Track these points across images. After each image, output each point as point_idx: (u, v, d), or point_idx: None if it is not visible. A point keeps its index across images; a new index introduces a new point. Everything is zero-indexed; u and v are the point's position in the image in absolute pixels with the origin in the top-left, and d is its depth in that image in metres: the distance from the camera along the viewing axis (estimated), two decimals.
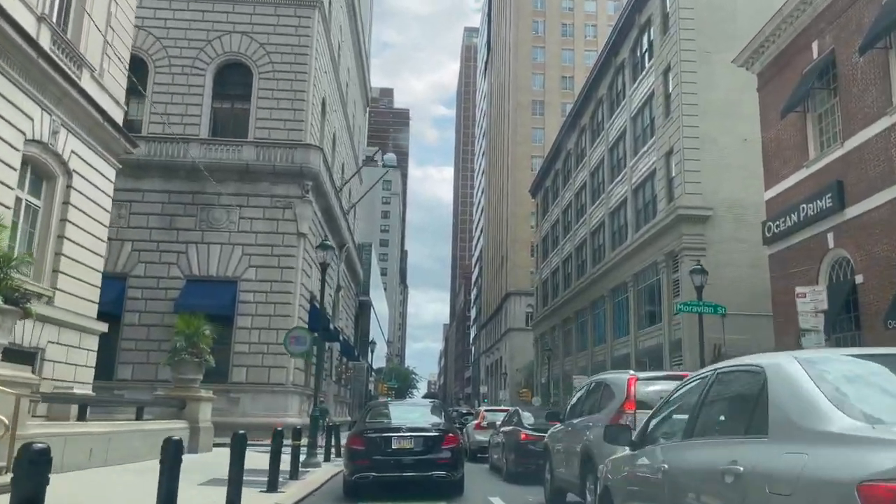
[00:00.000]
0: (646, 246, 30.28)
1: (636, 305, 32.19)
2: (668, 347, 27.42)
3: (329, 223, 37.55)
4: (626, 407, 7.03)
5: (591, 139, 42.28)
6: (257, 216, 30.76)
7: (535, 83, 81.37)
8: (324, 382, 40.67)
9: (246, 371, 29.31)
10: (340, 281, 44.05)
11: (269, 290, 30.13)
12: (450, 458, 10.98)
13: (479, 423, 21.36)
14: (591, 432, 7.72)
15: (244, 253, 30.21)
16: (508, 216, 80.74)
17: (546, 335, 53.95)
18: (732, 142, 26.96)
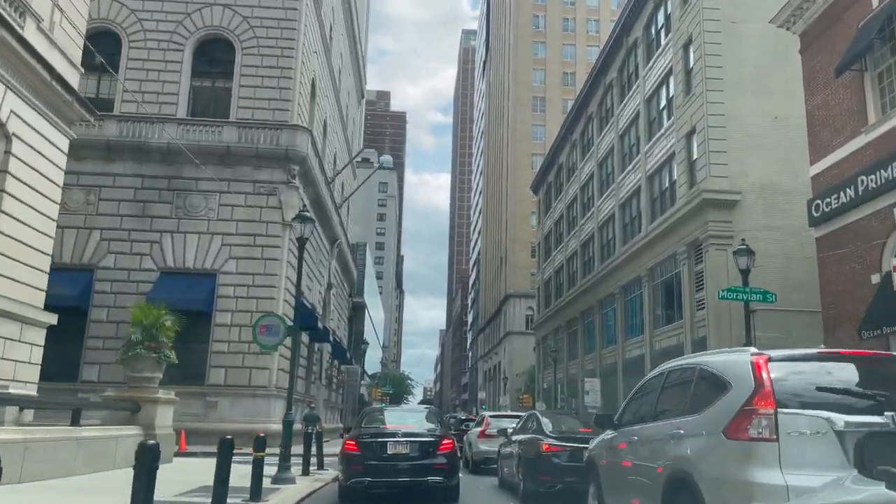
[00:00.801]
0: (664, 237, 27.71)
1: (651, 302, 29.60)
2: (691, 347, 24.80)
3: (319, 214, 34.92)
4: (758, 404, 4.38)
5: (598, 127, 39.77)
6: (239, 203, 28.21)
7: (535, 79, 78.94)
8: (313, 386, 38.03)
9: (225, 372, 26.77)
10: (332, 279, 41.41)
11: (251, 283, 27.59)
12: (446, 464, 11.00)
13: (484, 430, 19.08)
14: (684, 445, 5.10)
15: (224, 243, 27.71)
16: (508, 216, 78.21)
17: (548, 338, 51.32)
18: (761, 120, 24.48)
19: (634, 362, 31.56)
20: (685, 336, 25.41)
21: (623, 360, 33.04)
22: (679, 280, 26.53)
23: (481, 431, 19.08)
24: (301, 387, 32.50)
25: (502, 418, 20.27)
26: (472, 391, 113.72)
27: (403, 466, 10.82)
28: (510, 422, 18.82)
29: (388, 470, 10.79)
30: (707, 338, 23.45)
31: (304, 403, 32.53)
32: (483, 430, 19.02)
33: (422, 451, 10.98)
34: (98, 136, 27.97)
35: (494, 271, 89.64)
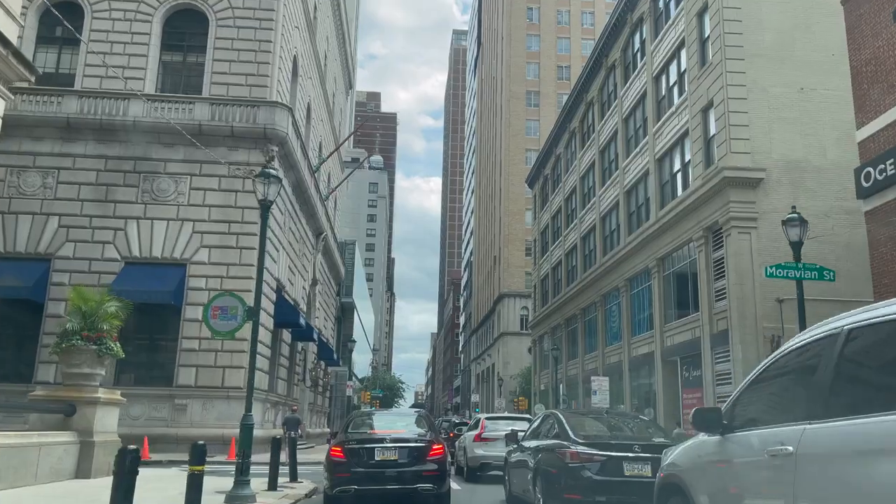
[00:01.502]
0: (676, 222, 25.43)
1: (662, 295, 27.29)
2: (709, 342, 22.51)
3: (302, 203, 32.52)
4: None
5: (599, 113, 37.50)
6: (212, 187, 25.78)
7: (529, 72, 76.71)
8: (296, 388, 35.56)
9: (195, 372, 24.40)
10: (317, 274, 38.93)
11: (225, 274, 25.18)
12: (436, 470, 10.65)
13: (480, 433, 17.42)
14: None
15: (195, 231, 25.34)
16: (501, 213, 75.90)
17: (546, 336, 48.96)
18: (786, 92, 22.26)
19: (642, 361, 29.24)
20: (702, 330, 23.11)
21: (629, 359, 30.71)
22: (694, 269, 24.25)
23: (477, 435, 17.35)
24: (282, 388, 30.02)
25: (499, 420, 18.72)
26: (464, 394, 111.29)
27: (392, 473, 10.43)
28: (507, 424, 17.48)
29: (375, 477, 10.37)
30: (729, 331, 21.15)
31: (287, 407, 30.11)
32: (479, 433, 17.34)
33: (411, 457, 10.56)
34: (56, 113, 25.54)
35: (487, 271, 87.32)
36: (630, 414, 15.28)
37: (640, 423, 11.40)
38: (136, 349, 25.74)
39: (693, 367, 23.97)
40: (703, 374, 22.74)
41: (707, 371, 22.52)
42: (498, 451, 16.03)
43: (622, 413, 13.49)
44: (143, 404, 23.94)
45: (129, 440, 21.46)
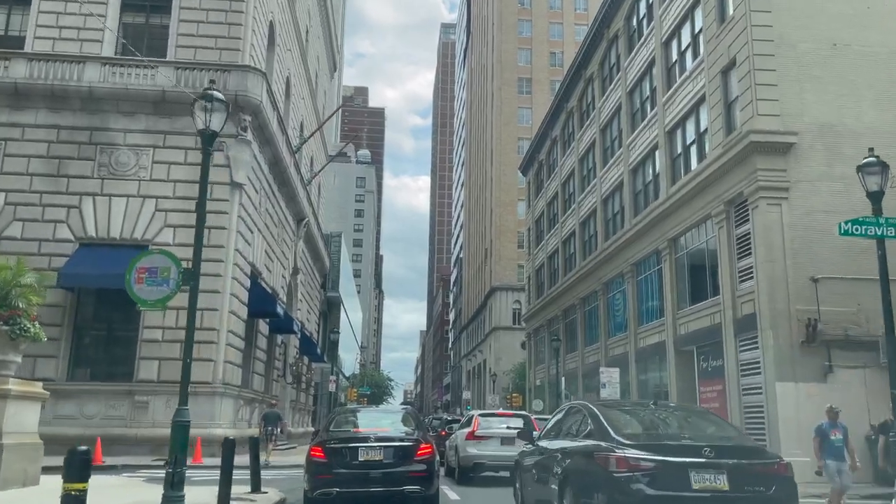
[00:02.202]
0: (691, 198, 23.08)
1: (674, 279, 24.94)
2: (733, 327, 20.17)
3: (280, 183, 29.97)
4: None
5: (601, 89, 35.12)
6: (177, 160, 23.25)
7: (521, 59, 74.30)
8: (276, 384, 33.04)
9: (158, 366, 21.99)
10: (299, 263, 36.36)
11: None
12: (424, 471, 10.09)
13: (473, 431, 16.12)
14: None
15: (158, 209, 22.91)
16: (493, 205, 73.50)
17: (542, 329, 46.56)
18: (817, 47, 19.96)
19: (651, 351, 26.89)
20: (723, 315, 20.76)
21: (636, 350, 28.36)
22: (713, 249, 21.89)
23: (470, 433, 16.04)
24: (258, 384, 27.48)
25: (493, 417, 17.34)
26: (455, 391, 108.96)
27: (376, 475, 9.91)
28: (502, 421, 16.55)
29: (359, 479, 9.86)
30: (756, 315, 18.81)
31: (265, 404, 27.64)
32: (472, 431, 16.06)
33: (397, 457, 10.03)
34: (3, 78, 22.96)
35: (478, 265, 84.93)
36: (683, 406, 12.79)
37: (699, 416, 9.00)
38: (92, 341, 23.22)
39: (712, 357, 21.62)
40: (725, 364, 20.40)
41: (729, 360, 20.18)
42: (492, 451, 15.05)
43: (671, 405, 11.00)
44: (100, 402, 21.44)
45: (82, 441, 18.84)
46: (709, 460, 6.80)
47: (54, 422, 21.08)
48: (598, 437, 7.47)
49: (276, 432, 22.77)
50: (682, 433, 8.04)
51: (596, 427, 7.72)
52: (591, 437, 7.69)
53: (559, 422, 9.40)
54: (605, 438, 7.30)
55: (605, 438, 7.30)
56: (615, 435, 7.23)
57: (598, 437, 7.45)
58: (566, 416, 9.24)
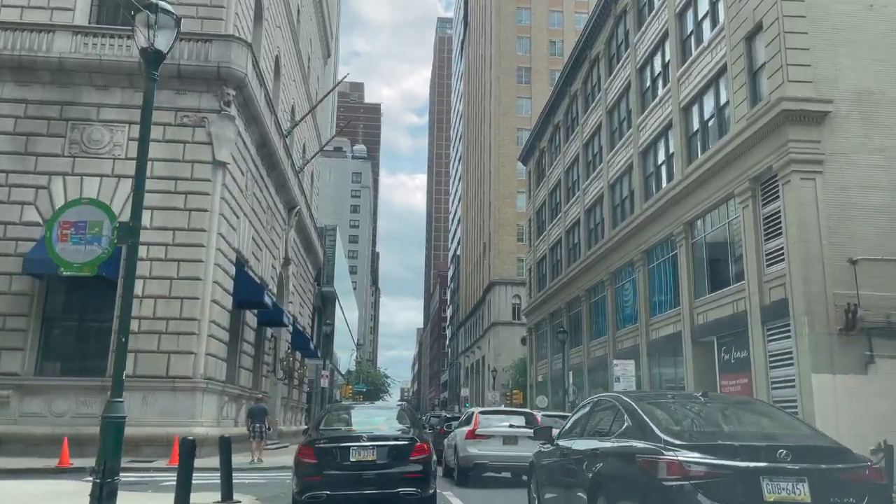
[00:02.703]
0: (711, 177, 21.41)
1: (691, 265, 23.26)
2: (760, 315, 18.48)
3: (269, 167, 28.20)
4: None
5: (607, 69, 33.39)
6: (155, 137, 21.17)
7: (520, 48, 72.51)
8: (265, 380, 31.32)
9: (134, 359, 20.29)
10: (290, 253, 34.60)
11: (171, 241, 20.98)
12: (420, 472, 9.48)
13: (473, 430, 15.10)
14: None
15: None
16: (492, 197, 71.75)
17: (544, 323, 44.89)
18: (852, 9, 18.28)
19: (665, 344, 25.21)
20: (748, 302, 19.07)
21: (648, 342, 26.67)
22: (736, 231, 20.21)
23: (470, 431, 15.05)
24: (245, 379, 25.74)
25: (494, 415, 16.44)
26: (452, 389, 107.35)
27: (369, 476, 9.33)
28: (503, 419, 15.72)
29: (350, 481, 9.26)
30: (788, 301, 17.12)
31: (252, 399, 25.96)
32: (472, 429, 15.08)
33: (391, 457, 9.46)
34: None
35: (477, 259, 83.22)
36: (741, 398, 11.06)
37: (763, 411, 7.32)
38: (62, 332, 21.44)
39: (736, 348, 19.93)
40: (751, 355, 18.71)
41: (756, 351, 18.49)
42: (494, 451, 14.32)
43: (726, 397, 9.35)
44: (70, 398, 19.71)
45: (50, 441, 17.02)
46: (785, 465, 5.41)
47: (20, 420, 19.42)
48: (638, 436, 6.08)
49: (265, 429, 21.08)
50: (746, 431, 6.49)
51: (635, 424, 6.30)
52: (628, 435, 6.28)
53: (583, 418, 7.96)
54: (648, 438, 5.89)
55: (648, 438, 5.89)
56: (662, 433, 5.79)
57: (639, 436, 6.06)
58: (593, 412, 7.77)
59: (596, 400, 8.02)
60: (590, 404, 8.14)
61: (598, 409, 7.65)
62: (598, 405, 7.75)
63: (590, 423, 7.62)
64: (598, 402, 7.90)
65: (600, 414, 7.50)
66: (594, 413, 7.72)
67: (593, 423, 7.54)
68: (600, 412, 7.53)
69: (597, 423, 7.43)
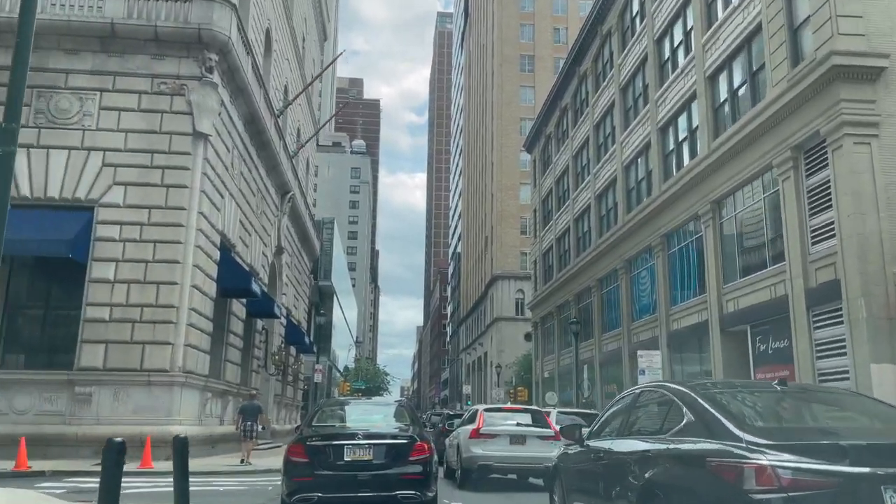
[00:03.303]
0: (742, 149, 19.40)
1: (718, 247, 21.23)
2: (805, 299, 16.46)
3: (259, 147, 26.19)
4: None
5: (620, 44, 31.36)
6: (129, 106, 19.49)
7: (523, 35, 70.46)
8: (256, 376, 29.31)
9: (104, 351, 18.28)
10: (283, 242, 32.57)
11: (147, 221, 19.00)
12: (420, 473, 8.79)
13: (478, 429, 14.02)
14: None
15: (106, 163, 19.24)
16: (494, 189, 69.73)
17: (551, 317, 42.87)
18: None
19: (689, 334, 23.21)
20: (789, 285, 17.06)
21: (668, 333, 24.66)
22: (774, 207, 18.19)
23: (474, 430, 14.01)
24: (232, 374, 23.74)
25: (499, 413, 15.39)
26: (453, 387, 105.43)
27: (365, 477, 8.56)
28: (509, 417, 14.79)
29: (344, 482, 8.52)
30: (841, 281, 15.11)
31: (241, 396, 24.12)
32: (477, 428, 14.05)
33: (389, 457, 8.71)
34: None
35: (478, 254, 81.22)
36: (827, 387, 9.33)
37: (859, 402, 5.97)
38: (25, 321, 19.43)
39: (774, 337, 17.91)
40: (794, 345, 16.70)
41: (800, 339, 16.48)
42: (500, 451, 13.37)
43: (810, 386, 7.69)
44: (33, 394, 17.75)
45: (11, 442, 14.83)
46: None
47: None
48: (704, 434, 4.90)
49: (256, 428, 19.18)
50: (849, 427, 5.25)
51: (699, 419, 5.08)
52: (690, 434, 5.09)
53: (622, 414, 6.71)
54: (720, 436, 4.70)
55: (720, 436, 4.70)
56: (740, 431, 4.59)
57: (706, 434, 4.88)
58: (634, 407, 6.52)
59: (638, 392, 6.69)
60: (630, 397, 6.80)
61: (644, 403, 6.43)
62: (643, 398, 6.50)
63: (631, 419, 6.39)
64: (641, 394, 6.60)
65: (646, 408, 6.32)
66: (637, 408, 6.47)
67: (636, 419, 6.34)
68: (646, 406, 6.34)
69: (642, 420, 6.27)
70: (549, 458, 12.80)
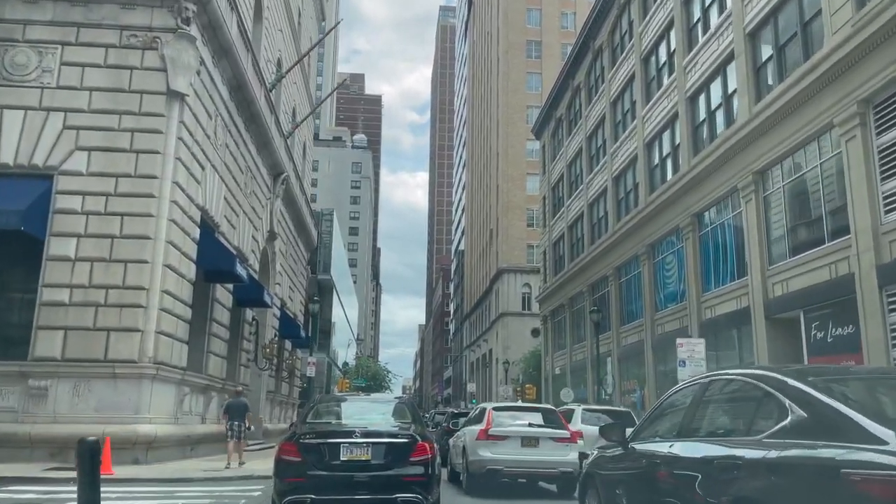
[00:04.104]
0: (795, 109, 17.01)
1: (761, 223, 18.81)
2: (876, 276, 14.06)
3: (247, 119, 23.83)
4: None
5: (641, 11, 28.91)
6: (94, 61, 17.17)
7: (529, 20, 68.02)
8: (245, 371, 26.99)
9: (63, 339, 15.94)
10: (276, 226, 30.19)
11: (113, 191, 16.69)
12: (422, 475, 8.21)
13: (486, 429, 12.72)
14: None
15: (68, 125, 16.91)
16: (500, 180, 67.33)
17: (562, 310, 40.47)
18: None
19: (724, 323, 20.82)
20: (855, 262, 14.66)
21: (700, 323, 22.25)
22: (835, 173, 15.77)
23: (482, 431, 12.76)
24: (216, 368, 21.37)
25: (509, 412, 13.98)
26: (456, 385, 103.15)
27: (362, 478, 8.02)
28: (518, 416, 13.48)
29: (340, 483, 7.95)
30: None
31: (227, 392, 21.85)
32: (485, 429, 12.79)
33: (388, 456, 8.14)
34: None
35: (483, 248, 78.84)
36: None
37: None
38: None
39: (835, 322, 15.51)
40: (862, 331, 14.30)
41: (870, 325, 14.08)
42: (511, 454, 12.24)
43: None
44: None
45: None
46: None
47: None
48: (825, 436, 3.55)
49: (244, 428, 16.93)
50: None
51: (817, 416, 3.75)
52: (801, 434, 3.74)
53: (683, 410, 5.35)
54: (855, 438, 3.38)
55: (855, 438, 3.38)
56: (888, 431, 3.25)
57: (829, 436, 3.53)
58: (701, 400, 5.11)
59: (706, 381, 5.24)
60: (692, 390, 5.35)
61: (716, 397, 5.12)
62: (714, 390, 5.14)
63: (697, 417, 5.09)
64: (711, 384, 5.17)
65: (722, 403, 5.09)
66: (706, 402, 5.12)
67: (705, 417, 5.08)
68: (721, 400, 5.09)
69: (714, 418, 5.07)
70: (564, 462, 11.85)
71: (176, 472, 14.17)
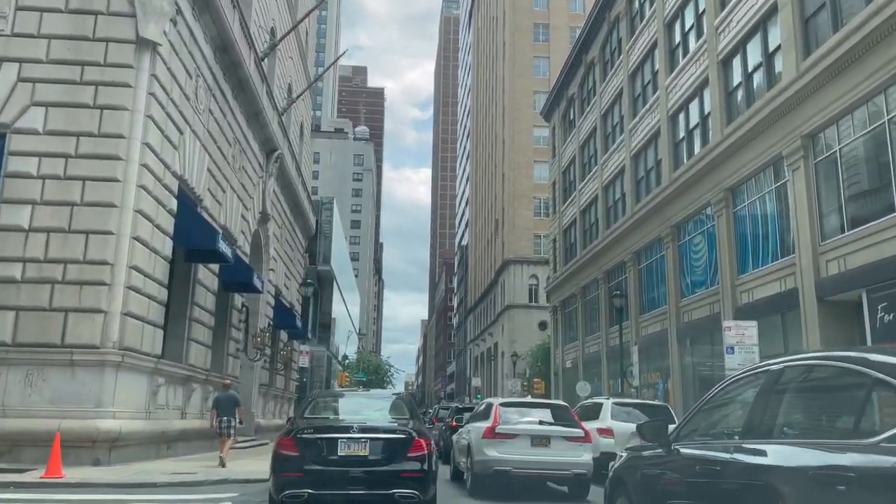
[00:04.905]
0: (849, 65, 14.85)
1: (811, 195, 16.63)
2: None
3: (235, 86, 21.69)
4: None
5: None
6: (54, 6, 15.02)
7: (537, 2, 65.76)
8: (233, 361, 24.93)
9: (14, 321, 13.91)
10: (269, 208, 28.04)
11: (74, 151, 14.59)
12: (419, 471, 8.26)
13: (493, 427, 11.62)
14: None
15: (22, 78, 14.81)
16: (505, 169, 65.17)
17: (573, 300, 38.34)
18: None
19: (765, 308, 18.64)
20: None
21: (735, 309, 20.07)
22: None
23: (489, 429, 11.70)
24: (199, 357, 19.23)
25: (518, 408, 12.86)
26: (460, 380, 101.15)
27: (359, 474, 8.10)
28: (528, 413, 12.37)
29: (337, 478, 8.02)
30: None
31: (211, 384, 19.80)
32: (492, 426, 11.71)
33: (386, 452, 8.22)
34: None
35: (487, 239, 76.70)
36: None
37: None
38: None
39: None
40: None
41: None
42: (520, 454, 11.34)
43: None
44: None
45: None
46: None
47: None
48: None
49: (234, 423, 14.99)
50: None
51: None
52: None
53: (746, 404, 4.22)
54: None
55: None
56: None
57: None
58: (773, 392, 3.94)
59: (778, 369, 4.00)
60: (757, 379, 4.18)
61: (793, 387, 3.95)
62: (789, 379, 3.94)
63: (768, 413, 3.93)
64: (784, 372, 3.96)
65: (803, 396, 4.00)
66: (779, 395, 3.96)
67: (779, 413, 3.91)
68: (802, 393, 3.97)
69: (794, 415, 3.97)
70: (577, 463, 11.22)
71: (138, 474, 12.07)
